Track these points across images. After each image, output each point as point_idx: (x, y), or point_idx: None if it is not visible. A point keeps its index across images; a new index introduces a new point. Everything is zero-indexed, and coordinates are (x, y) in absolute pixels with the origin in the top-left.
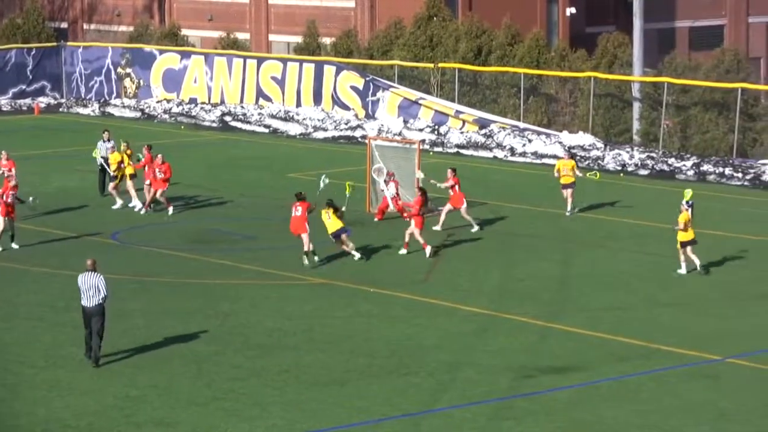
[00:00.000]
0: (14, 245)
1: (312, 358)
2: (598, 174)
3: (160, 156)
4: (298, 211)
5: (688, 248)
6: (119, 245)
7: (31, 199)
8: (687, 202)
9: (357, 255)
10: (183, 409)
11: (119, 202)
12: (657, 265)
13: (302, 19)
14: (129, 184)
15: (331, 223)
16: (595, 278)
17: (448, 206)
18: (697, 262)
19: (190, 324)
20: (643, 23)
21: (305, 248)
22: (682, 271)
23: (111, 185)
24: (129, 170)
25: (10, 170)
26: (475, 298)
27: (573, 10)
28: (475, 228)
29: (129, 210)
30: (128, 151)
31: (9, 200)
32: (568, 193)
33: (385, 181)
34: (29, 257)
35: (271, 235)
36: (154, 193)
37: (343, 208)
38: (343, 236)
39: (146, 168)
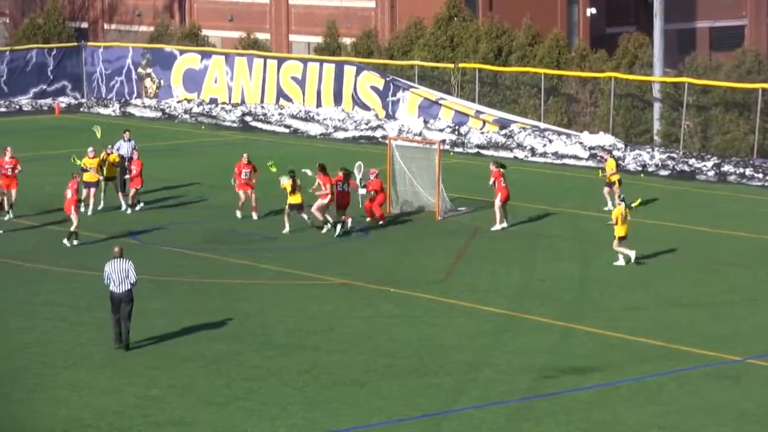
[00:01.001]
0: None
1: (332, 358)
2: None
3: (135, 153)
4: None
5: (621, 242)
6: (139, 245)
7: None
8: (620, 197)
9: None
10: (203, 409)
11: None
12: (676, 266)
13: (322, 20)
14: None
15: (295, 196)
16: (614, 279)
17: (498, 201)
18: (632, 254)
19: (211, 324)
20: (663, 24)
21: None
22: (620, 263)
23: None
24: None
25: (14, 168)
26: (495, 299)
27: (593, 10)
28: (498, 227)
29: (146, 211)
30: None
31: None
32: (614, 189)
33: (361, 180)
34: (50, 257)
35: (291, 235)
36: (135, 192)
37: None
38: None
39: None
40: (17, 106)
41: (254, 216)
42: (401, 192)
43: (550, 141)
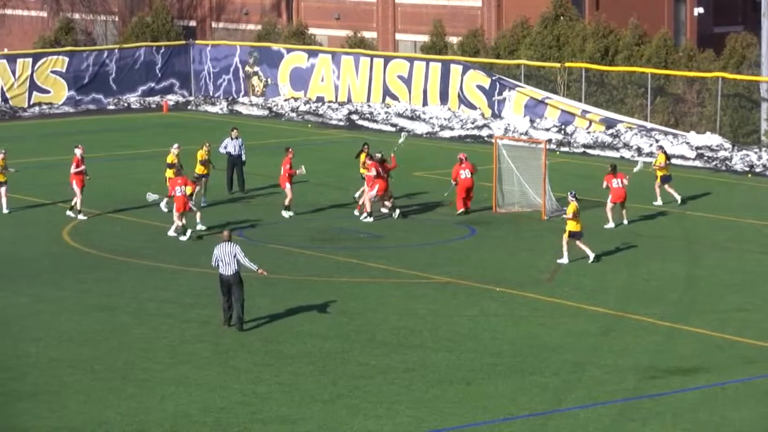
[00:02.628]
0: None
1: (438, 356)
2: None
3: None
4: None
5: (578, 240)
6: (247, 242)
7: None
8: (571, 192)
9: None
10: (308, 406)
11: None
12: None
13: (429, 19)
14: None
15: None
16: (721, 279)
17: (610, 203)
18: (591, 254)
19: (316, 321)
20: None
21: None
22: (564, 260)
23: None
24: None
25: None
26: (601, 298)
27: (701, 10)
28: (610, 225)
29: (253, 207)
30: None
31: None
32: (667, 186)
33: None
34: (157, 254)
35: (398, 234)
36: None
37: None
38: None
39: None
40: (126, 104)
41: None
42: (507, 191)
43: (657, 141)
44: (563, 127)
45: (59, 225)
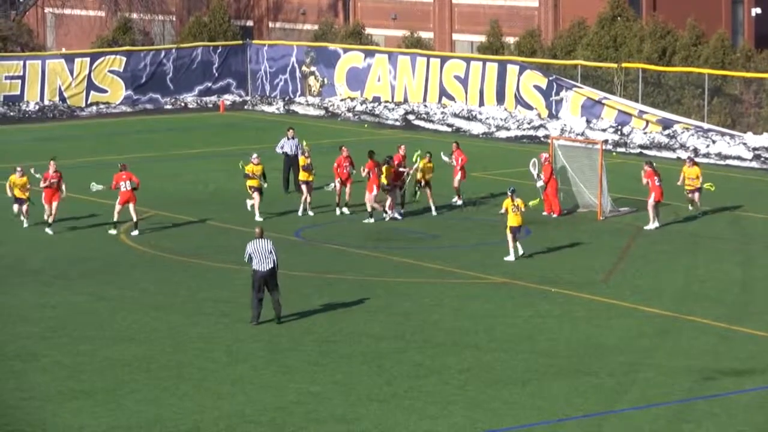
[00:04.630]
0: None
1: (493, 357)
2: (713, 186)
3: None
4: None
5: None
6: (303, 242)
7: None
8: (511, 188)
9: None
10: (364, 406)
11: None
12: None
13: (486, 19)
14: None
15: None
16: None
17: (651, 201)
18: (521, 250)
19: (372, 321)
20: None
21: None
22: (510, 258)
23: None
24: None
25: (59, 181)
26: (656, 299)
27: (758, 10)
28: (651, 226)
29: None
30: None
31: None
32: (695, 196)
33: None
34: (213, 254)
35: (454, 234)
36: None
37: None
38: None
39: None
40: (183, 104)
41: (345, 211)
42: (564, 191)
43: (714, 142)
44: (620, 127)
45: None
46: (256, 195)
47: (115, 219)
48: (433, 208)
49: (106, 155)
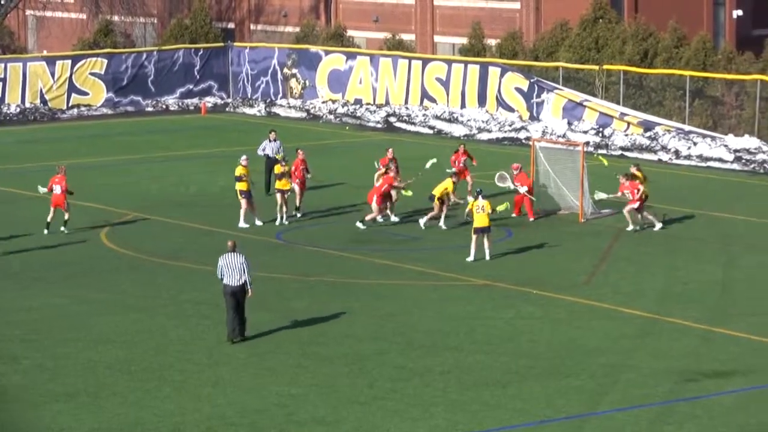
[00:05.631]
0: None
1: (474, 359)
2: (605, 160)
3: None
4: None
5: (483, 236)
6: (284, 245)
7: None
8: (477, 190)
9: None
10: (345, 408)
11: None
12: None
13: (467, 21)
14: None
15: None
16: (758, 282)
17: (629, 206)
18: (488, 255)
19: (353, 323)
20: None
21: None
22: (470, 258)
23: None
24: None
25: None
26: (637, 301)
27: (740, 12)
28: (631, 228)
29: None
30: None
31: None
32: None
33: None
34: (194, 256)
35: (435, 236)
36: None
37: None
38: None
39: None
40: (164, 106)
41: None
42: (544, 194)
43: (695, 143)
44: (601, 129)
45: (97, 227)
46: (243, 201)
47: (48, 220)
48: (442, 220)
49: (87, 158)
